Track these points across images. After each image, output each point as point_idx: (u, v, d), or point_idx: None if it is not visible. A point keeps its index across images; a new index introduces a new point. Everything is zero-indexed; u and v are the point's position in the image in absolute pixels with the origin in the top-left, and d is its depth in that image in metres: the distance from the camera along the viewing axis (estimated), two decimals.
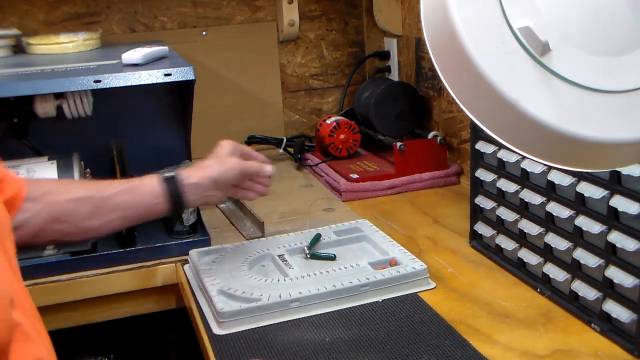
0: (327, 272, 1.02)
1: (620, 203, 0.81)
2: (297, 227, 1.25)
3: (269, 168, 1.10)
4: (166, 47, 1.34)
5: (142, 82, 1.15)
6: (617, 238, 0.82)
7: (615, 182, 0.82)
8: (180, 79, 1.16)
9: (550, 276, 0.95)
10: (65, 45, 1.46)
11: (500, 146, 1.03)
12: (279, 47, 1.80)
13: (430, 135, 1.50)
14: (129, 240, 1.19)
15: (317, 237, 1.14)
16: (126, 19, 1.66)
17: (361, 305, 0.97)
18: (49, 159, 1.16)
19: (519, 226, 1.01)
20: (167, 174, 1.02)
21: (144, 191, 1.00)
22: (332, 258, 1.09)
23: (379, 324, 0.92)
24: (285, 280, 1.01)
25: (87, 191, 0.97)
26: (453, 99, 0.55)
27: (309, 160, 1.64)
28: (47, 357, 0.68)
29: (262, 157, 1.13)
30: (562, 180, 0.90)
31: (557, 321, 0.91)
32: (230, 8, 1.73)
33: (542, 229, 0.97)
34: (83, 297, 1.12)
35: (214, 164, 1.05)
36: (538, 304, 0.95)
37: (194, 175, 1.02)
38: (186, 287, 1.07)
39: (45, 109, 1.21)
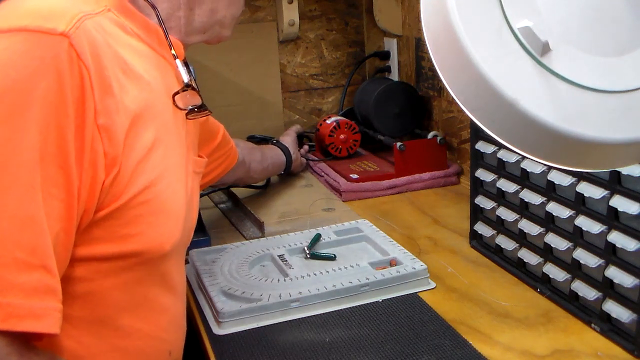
0: (327, 272, 1.02)
1: (620, 203, 0.81)
2: (297, 227, 1.25)
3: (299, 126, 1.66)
4: None
5: None
6: (617, 238, 0.82)
7: (615, 182, 0.82)
8: None
9: (550, 276, 0.95)
10: None
11: (500, 146, 1.03)
12: (279, 47, 1.80)
13: (430, 135, 1.50)
14: None
15: (317, 237, 1.14)
16: None
17: (361, 305, 0.97)
18: None
19: (519, 226, 1.01)
20: (274, 140, 1.50)
21: (274, 149, 1.45)
22: (332, 258, 1.09)
23: (379, 324, 0.92)
24: (285, 280, 1.01)
25: (249, 143, 1.38)
26: (453, 99, 0.55)
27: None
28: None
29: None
30: (562, 180, 0.90)
31: (557, 321, 0.91)
32: None
33: (542, 229, 0.97)
34: None
35: (284, 136, 1.54)
36: (538, 304, 0.95)
37: (284, 142, 1.49)
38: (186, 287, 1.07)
39: None
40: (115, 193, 0.66)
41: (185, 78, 0.79)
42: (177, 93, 0.78)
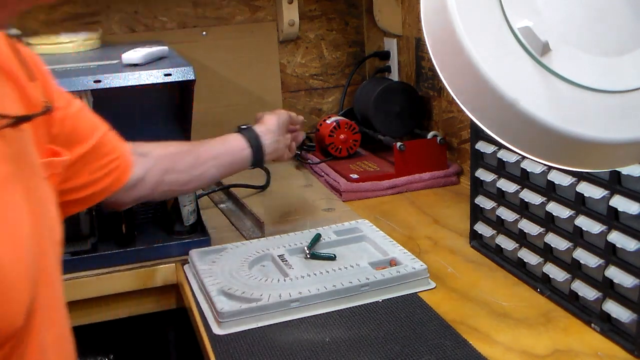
0: (327, 272, 1.02)
1: (620, 203, 0.81)
2: (297, 227, 1.25)
3: (301, 117, 1.29)
4: (166, 47, 1.34)
5: (142, 82, 1.15)
6: (617, 238, 0.82)
7: (615, 182, 0.82)
8: (180, 79, 1.16)
9: (550, 276, 0.95)
10: (65, 45, 1.46)
11: (500, 146, 1.03)
12: (279, 47, 1.80)
13: (430, 135, 1.50)
14: (128, 240, 1.19)
15: (317, 237, 1.14)
16: (126, 19, 1.66)
17: (361, 305, 0.97)
18: None
19: (519, 226, 1.01)
20: (243, 127, 1.17)
21: (230, 141, 1.14)
22: (332, 258, 1.09)
23: (379, 324, 0.92)
24: (285, 280, 1.01)
25: (184, 145, 1.11)
26: (453, 99, 0.55)
27: (308, 160, 1.64)
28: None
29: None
30: (562, 180, 0.90)
31: (557, 321, 0.91)
32: (230, 8, 1.73)
33: (542, 229, 0.97)
34: (83, 297, 1.12)
35: (270, 115, 1.20)
36: (538, 304, 0.95)
37: (262, 125, 1.18)
38: (186, 287, 1.07)
39: None
40: None
41: None
42: None
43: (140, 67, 1.19)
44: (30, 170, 0.65)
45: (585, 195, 0.87)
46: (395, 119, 1.61)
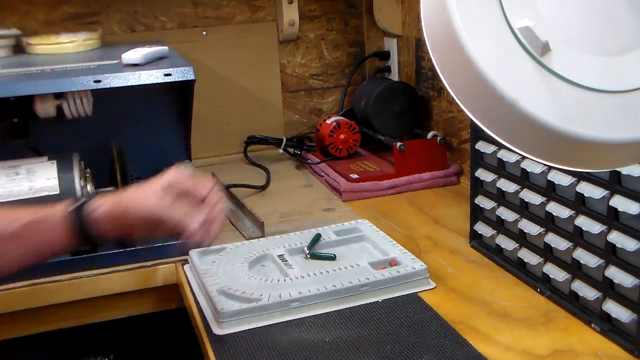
0: (327, 272, 1.02)
1: (620, 203, 0.81)
2: (297, 227, 1.25)
3: (194, 225, 0.83)
4: (166, 47, 1.34)
5: (142, 82, 1.15)
6: (617, 238, 0.82)
7: (615, 182, 0.82)
8: (180, 79, 1.16)
9: (550, 276, 0.95)
10: (65, 45, 1.46)
11: (500, 146, 1.03)
12: (279, 47, 1.80)
13: (430, 135, 1.50)
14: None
15: (317, 237, 1.14)
16: (126, 19, 1.66)
17: (361, 305, 0.97)
18: (49, 159, 1.16)
19: (519, 226, 1.01)
20: (76, 204, 0.85)
21: (47, 226, 0.84)
22: (332, 258, 1.09)
23: (379, 324, 0.92)
24: (285, 280, 1.01)
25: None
26: (453, 99, 0.55)
27: (308, 160, 1.64)
28: None
29: (212, 196, 0.87)
30: (562, 180, 0.90)
31: (557, 321, 0.91)
32: (230, 8, 1.73)
33: (542, 229, 0.97)
34: (83, 297, 1.12)
35: (131, 194, 0.85)
36: (538, 304, 0.95)
37: (105, 204, 0.84)
38: (186, 287, 1.07)
39: (45, 109, 1.21)
40: None
41: None
42: None
43: (140, 67, 1.19)
44: None
45: (585, 195, 0.87)
46: (395, 119, 1.61)
